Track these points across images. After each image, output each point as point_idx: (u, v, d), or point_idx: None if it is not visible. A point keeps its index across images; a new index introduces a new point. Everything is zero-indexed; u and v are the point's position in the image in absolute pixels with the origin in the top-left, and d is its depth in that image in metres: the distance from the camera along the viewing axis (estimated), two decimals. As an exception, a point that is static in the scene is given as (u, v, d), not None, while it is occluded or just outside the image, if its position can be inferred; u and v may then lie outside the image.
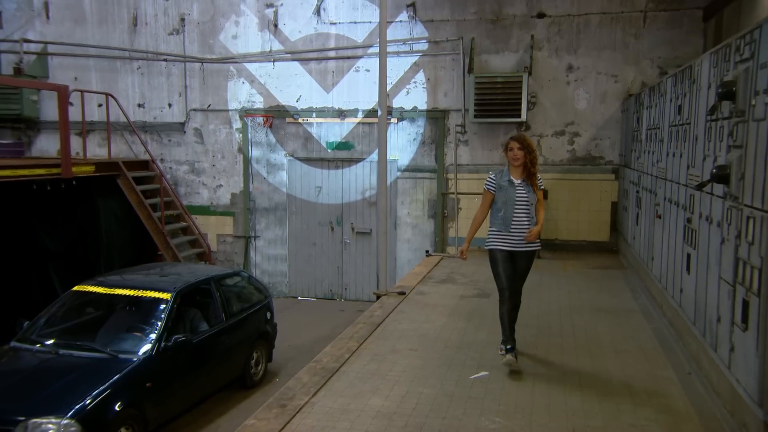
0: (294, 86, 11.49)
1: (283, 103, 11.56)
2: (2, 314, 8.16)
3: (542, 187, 5.43)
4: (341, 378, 5.06)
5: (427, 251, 10.96)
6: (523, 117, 10.16)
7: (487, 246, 5.37)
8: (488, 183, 5.35)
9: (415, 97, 11.09)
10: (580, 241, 10.75)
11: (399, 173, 11.23)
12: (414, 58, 11.04)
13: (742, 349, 3.96)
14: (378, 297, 7.74)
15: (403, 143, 11.19)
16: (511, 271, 5.34)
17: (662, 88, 7.06)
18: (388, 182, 10.96)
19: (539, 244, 5.46)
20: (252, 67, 11.63)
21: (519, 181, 5.26)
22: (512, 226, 5.26)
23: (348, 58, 11.27)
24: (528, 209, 5.27)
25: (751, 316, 3.76)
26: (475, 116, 10.35)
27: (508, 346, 5.31)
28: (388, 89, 10.91)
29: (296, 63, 11.46)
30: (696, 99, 5.36)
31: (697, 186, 4.93)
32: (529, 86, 10.22)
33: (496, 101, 10.25)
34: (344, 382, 4.97)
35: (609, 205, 10.68)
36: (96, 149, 12.09)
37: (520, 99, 10.13)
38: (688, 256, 5.43)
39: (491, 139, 10.84)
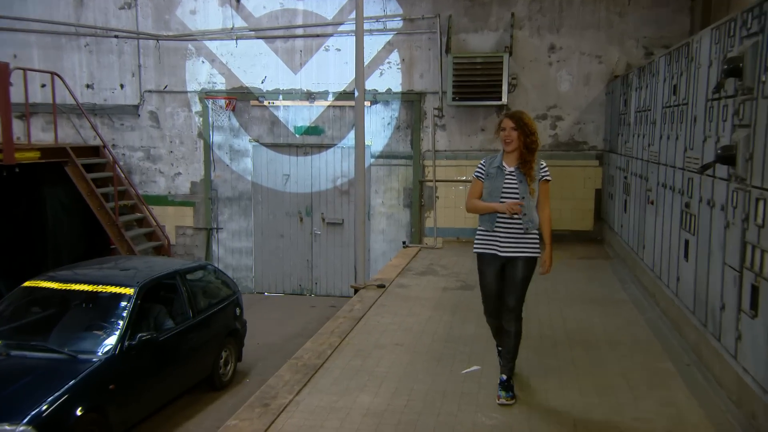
0: (259, 66, 11.30)
1: (247, 85, 11.36)
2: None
3: (545, 177, 4.58)
4: (325, 375, 5.00)
5: (404, 242, 10.94)
6: (504, 100, 10.19)
7: (474, 249, 4.71)
8: (478, 169, 4.69)
9: (389, 78, 11.03)
10: (563, 230, 10.82)
11: (372, 160, 11.16)
12: (388, 37, 10.97)
13: (750, 336, 4.03)
14: (356, 290, 7.69)
15: (376, 128, 11.12)
16: (496, 282, 4.62)
17: (654, 67, 7.16)
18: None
19: (538, 248, 4.60)
20: (213, 46, 11.39)
21: (511, 169, 4.53)
22: (498, 225, 4.52)
23: (317, 36, 11.14)
24: (523, 204, 4.50)
25: (761, 302, 3.82)
26: (453, 99, 10.34)
27: (502, 377, 4.68)
28: (360, 70, 10.86)
29: (261, 41, 11.27)
30: (695, 78, 5.43)
31: (699, 169, 5.00)
32: (509, 67, 10.25)
33: (476, 83, 10.25)
34: (329, 379, 4.91)
35: (593, 192, 10.82)
36: (40, 134, 11.69)
37: (501, 81, 10.16)
38: (686, 242, 5.51)
39: (470, 123, 10.86)
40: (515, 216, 4.50)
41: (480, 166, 4.72)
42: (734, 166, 4.27)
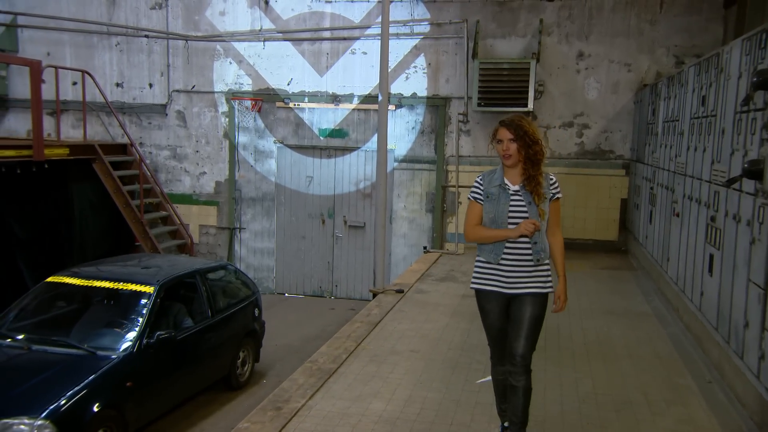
0: (285, 68, 11.37)
1: (273, 86, 11.43)
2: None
3: (556, 195, 3.85)
4: (339, 380, 4.99)
5: (425, 247, 10.91)
6: (530, 106, 10.11)
7: (472, 285, 3.93)
8: (474, 190, 3.90)
9: (414, 82, 11.01)
10: (587, 240, 10.75)
11: (396, 164, 11.15)
12: (414, 41, 10.96)
13: (773, 356, 3.93)
14: (375, 295, 7.68)
15: (400, 132, 11.11)
16: (502, 324, 3.89)
17: (683, 77, 7.03)
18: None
19: (550, 282, 3.86)
20: (240, 47, 11.49)
21: (516, 188, 3.79)
22: (505, 257, 3.77)
23: (344, 39, 11.17)
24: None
25: (785, 320, 3.73)
26: (479, 104, 10.29)
27: None
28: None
29: (288, 43, 11.34)
30: (724, 89, 5.32)
31: (725, 182, 4.90)
32: (536, 74, 10.17)
33: (502, 89, 10.18)
34: (342, 385, 4.90)
35: (618, 202, 10.68)
36: (69, 131, 11.90)
37: (527, 87, 10.08)
38: (711, 256, 5.40)
39: (495, 129, 10.77)
40: (523, 244, 3.74)
41: (477, 185, 3.90)
42: (761, 181, 4.17)
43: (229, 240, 11.87)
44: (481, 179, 3.93)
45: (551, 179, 3.88)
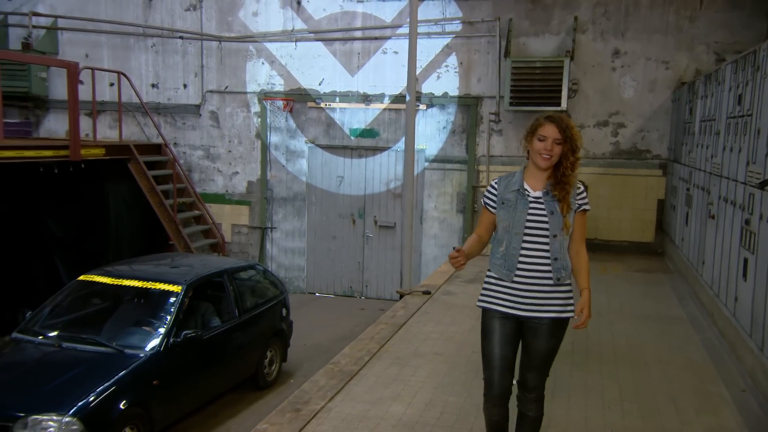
0: (317, 68, 11.43)
1: (305, 86, 11.51)
2: (4, 303, 8.24)
3: (583, 207, 3.47)
4: (360, 382, 5.00)
5: (454, 248, 10.81)
6: (563, 105, 9.95)
7: (479, 303, 3.57)
8: (486, 194, 3.60)
9: (446, 82, 10.96)
10: (622, 241, 10.56)
11: (427, 164, 11.12)
12: (446, 40, 10.91)
13: (806, 366, 3.79)
14: (401, 296, 7.67)
15: (431, 132, 11.07)
16: (508, 352, 3.47)
17: (720, 75, 6.84)
18: (415, 173, 10.89)
19: (572, 305, 3.47)
20: (273, 47, 11.59)
21: (538, 194, 3.42)
22: (520, 274, 3.41)
23: (375, 38, 11.17)
24: (549, 243, 3.39)
25: (818, 330, 3.59)
26: (511, 104, 10.19)
27: None
28: (417, 73, 10.79)
29: (320, 43, 11.40)
30: (760, 88, 5.16)
31: (759, 184, 4.74)
32: (570, 72, 10.01)
33: (534, 88, 10.06)
34: (363, 387, 4.91)
35: (655, 203, 10.46)
36: (106, 131, 12.19)
37: (561, 86, 9.93)
38: (746, 261, 5.24)
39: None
40: (541, 260, 3.38)
41: (491, 189, 3.57)
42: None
43: (260, 239, 12.00)
44: (496, 183, 3.57)
45: (579, 188, 3.47)
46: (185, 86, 12.07)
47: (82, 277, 6.58)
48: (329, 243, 11.71)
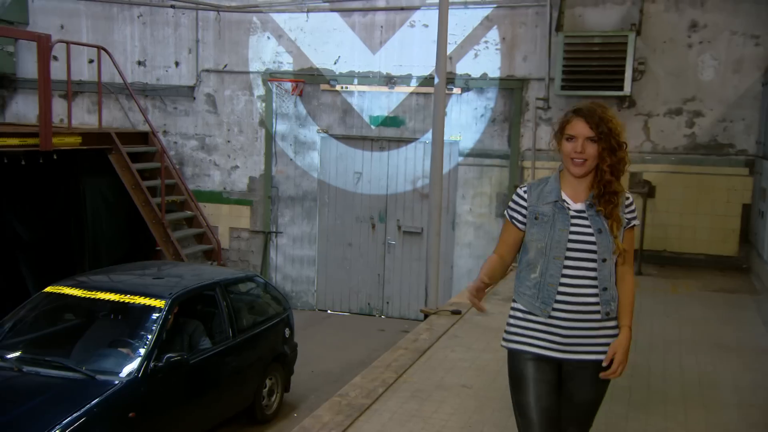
0: (332, 44, 11.47)
1: (318, 66, 11.55)
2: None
3: (632, 223, 3.34)
4: (372, 418, 4.98)
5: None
6: (627, 90, 9.86)
7: (504, 343, 3.45)
8: (513, 206, 3.41)
9: (485, 61, 10.92)
10: (697, 254, 10.40)
11: (461, 158, 11.09)
12: (486, 11, 10.87)
13: None
14: (426, 315, 7.65)
15: (467, 120, 11.03)
16: (549, 403, 3.30)
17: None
18: (447, 169, 10.91)
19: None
20: (280, 19, 11.66)
21: (580, 206, 3.28)
22: (559, 308, 3.25)
23: (401, 9, 11.18)
24: (597, 270, 3.24)
25: None
26: (563, 88, 10.10)
27: None
28: (451, 50, 10.81)
29: (336, 14, 11.44)
30: None
31: None
32: (636, 49, 9.91)
33: (591, 68, 9.98)
34: (375, 425, 4.89)
35: (739, 208, 10.29)
36: (84, 116, 12.37)
37: (624, 66, 9.84)
38: None
39: (583, 117, 10.57)
40: (586, 289, 3.23)
41: (518, 200, 3.39)
42: None
43: (263, 246, 12.06)
44: (525, 191, 3.37)
45: (627, 197, 3.32)
46: (177, 64, 12.19)
47: (48, 289, 6.66)
48: (344, 251, 11.73)
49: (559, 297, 3.24)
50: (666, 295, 8.89)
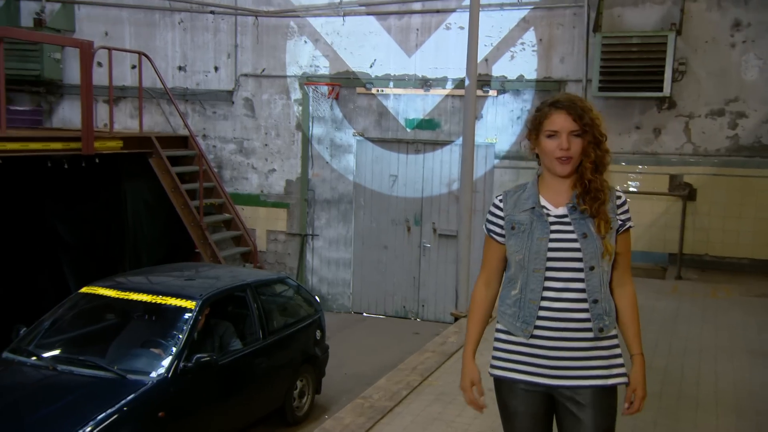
0: (368, 47, 11.51)
1: (354, 69, 11.60)
2: (6, 319, 8.61)
3: (627, 225, 2.97)
4: (394, 421, 4.99)
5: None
6: (666, 91, 9.68)
7: (490, 370, 3.10)
8: (490, 217, 3.09)
9: (521, 63, 10.83)
10: (740, 258, 10.15)
11: (497, 161, 11.01)
12: (522, 12, 10.78)
13: None
14: (456, 318, 7.63)
15: (503, 122, 10.96)
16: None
17: None
18: (483, 172, 10.90)
19: (622, 365, 2.94)
20: (317, 23, 11.74)
21: (561, 211, 2.94)
22: (542, 326, 2.90)
23: (437, 11, 11.16)
24: (585, 280, 2.87)
25: None
26: (600, 89, 9.96)
27: None
28: (487, 53, 10.80)
29: (371, 18, 11.47)
30: None
31: None
32: (676, 49, 9.72)
33: (630, 69, 9.82)
34: (396, 427, 4.90)
35: (784, 211, 10.03)
36: (127, 120, 12.62)
37: (663, 66, 9.65)
38: None
39: (621, 119, 10.42)
40: (574, 303, 2.87)
41: (493, 209, 3.07)
42: None
43: (300, 248, 12.15)
44: (501, 200, 3.04)
45: (618, 196, 2.97)
46: (216, 69, 12.37)
47: (84, 289, 6.83)
48: (380, 254, 11.75)
49: (542, 314, 2.88)
50: (705, 300, 8.71)
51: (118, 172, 10.51)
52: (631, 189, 10.37)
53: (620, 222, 2.95)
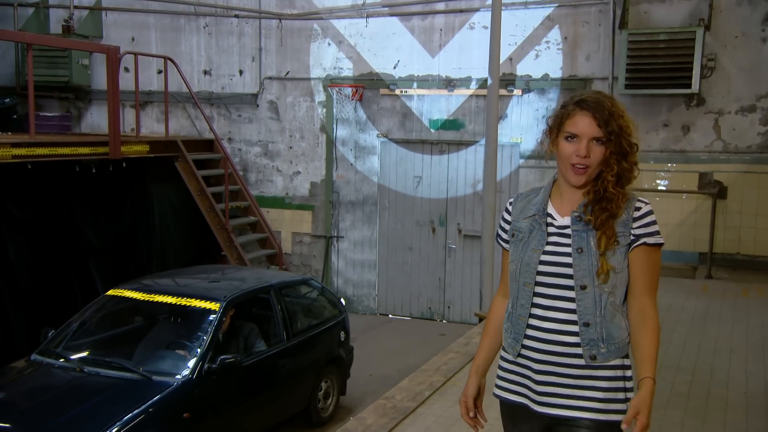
0: (391, 48, 11.53)
1: (377, 70, 11.62)
2: (36, 320, 8.76)
3: (644, 239, 2.57)
4: (416, 422, 4.98)
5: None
6: (695, 87, 9.58)
7: (495, 392, 2.84)
8: (500, 223, 2.88)
9: (546, 61, 10.77)
10: (768, 257, 10.03)
11: (522, 161, 10.96)
12: (547, 11, 10.72)
13: None
14: (480, 319, 7.60)
15: (528, 122, 10.90)
16: None
17: None
18: (508, 172, 10.86)
19: (619, 399, 2.60)
20: (340, 25, 11.78)
21: (565, 221, 2.65)
22: (529, 345, 2.64)
23: (461, 11, 11.15)
24: (576, 300, 2.57)
25: None
26: (627, 86, 9.88)
27: None
28: (511, 52, 10.76)
29: (395, 19, 11.49)
30: None
31: None
32: (705, 45, 9.62)
33: (657, 66, 9.74)
34: (418, 428, 4.89)
35: (818, 209, 9.86)
36: (154, 125, 12.77)
37: (691, 63, 9.57)
38: None
39: (648, 117, 10.31)
40: (564, 324, 2.59)
41: (504, 214, 2.87)
42: None
43: (325, 250, 12.19)
44: (511, 204, 2.83)
45: (638, 207, 2.61)
46: (241, 72, 12.46)
47: (111, 292, 6.92)
48: (405, 255, 11.75)
49: (530, 332, 2.63)
50: (736, 300, 8.58)
51: (144, 176, 10.63)
52: (660, 187, 10.27)
53: (634, 237, 2.58)
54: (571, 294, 2.57)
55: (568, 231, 2.61)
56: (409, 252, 11.73)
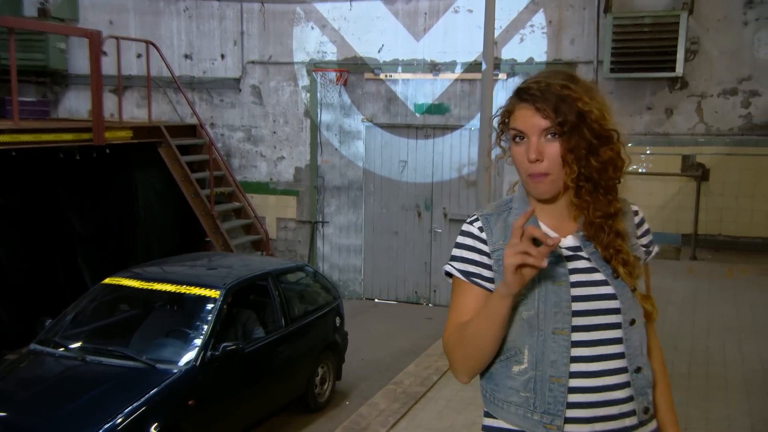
0: (375, 32, 11.47)
1: (362, 54, 11.57)
2: (24, 310, 8.65)
3: (652, 249, 2.17)
4: (427, 406, 5.03)
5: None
6: (679, 70, 9.66)
7: None
8: (466, 255, 2.08)
9: (530, 45, 10.80)
10: (754, 238, 10.16)
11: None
12: (532, -6, 10.77)
13: None
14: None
15: (514, 105, 10.93)
16: None
17: None
18: (494, 155, 10.85)
19: None
20: (324, 8, 11.69)
21: (573, 242, 1.99)
22: (575, 413, 1.91)
23: (445, -6, 11.15)
24: (624, 340, 1.95)
25: None
26: (612, 70, 9.94)
27: None
28: (496, 35, 10.69)
29: (379, 2, 11.42)
30: None
31: None
32: (688, 29, 9.71)
33: (642, 50, 9.79)
34: (431, 412, 4.93)
35: (798, 190, 10.05)
36: (134, 110, 12.58)
37: (675, 46, 9.64)
38: None
39: (633, 101, 10.41)
40: (613, 376, 1.94)
41: (471, 242, 2.07)
42: None
43: (310, 235, 12.17)
44: (480, 225, 2.04)
45: (636, 212, 2.14)
46: (223, 57, 12.32)
47: (107, 280, 6.85)
48: (390, 240, 11.78)
49: (574, 398, 1.91)
50: (722, 280, 8.76)
51: (128, 162, 10.50)
52: (642, 170, 10.39)
53: (641, 246, 2.10)
54: (615, 334, 1.95)
55: (583, 254, 1.98)
56: (394, 236, 11.75)
